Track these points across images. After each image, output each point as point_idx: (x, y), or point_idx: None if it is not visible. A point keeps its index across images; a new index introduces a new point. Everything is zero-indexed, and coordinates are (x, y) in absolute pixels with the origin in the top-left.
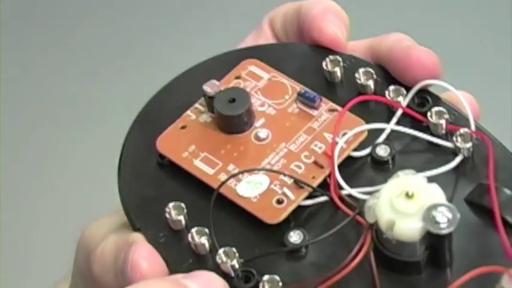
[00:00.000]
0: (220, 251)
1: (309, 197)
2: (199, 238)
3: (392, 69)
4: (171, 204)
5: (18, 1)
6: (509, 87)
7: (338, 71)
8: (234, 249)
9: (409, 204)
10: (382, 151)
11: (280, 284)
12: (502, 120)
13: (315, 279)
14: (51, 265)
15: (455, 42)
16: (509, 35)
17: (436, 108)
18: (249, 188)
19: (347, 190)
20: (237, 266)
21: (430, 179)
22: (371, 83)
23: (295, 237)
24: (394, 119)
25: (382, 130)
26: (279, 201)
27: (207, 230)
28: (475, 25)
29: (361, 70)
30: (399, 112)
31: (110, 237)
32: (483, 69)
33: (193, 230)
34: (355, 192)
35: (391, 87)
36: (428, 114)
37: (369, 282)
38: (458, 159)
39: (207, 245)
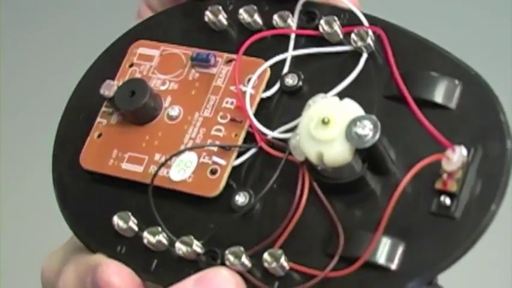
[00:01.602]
0: (177, 243)
1: (240, 155)
2: (154, 238)
3: None
4: (115, 216)
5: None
6: (510, 86)
7: (222, 18)
8: (191, 237)
9: (328, 130)
10: (291, 80)
11: (242, 249)
12: None
13: (275, 233)
14: None
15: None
16: (509, 35)
17: (324, 18)
18: (181, 170)
19: (270, 134)
20: (198, 250)
21: (345, 91)
22: (257, 17)
23: (241, 198)
24: (291, 45)
25: (284, 61)
26: (213, 172)
27: (159, 228)
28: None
29: (241, 10)
30: (293, 37)
31: (68, 267)
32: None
33: (146, 233)
34: (277, 133)
35: (275, 16)
36: (320, 27)
37: (325, 214)
38: (363, 60)
39: (164, 241)
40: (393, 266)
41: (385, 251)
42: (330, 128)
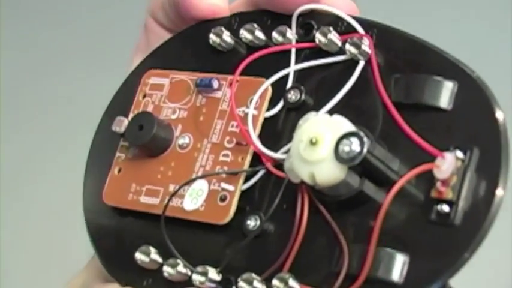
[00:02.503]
0: (194, 275)
1: (249, 178)
2: (173, 269)
3: (270, 6)
4: (137, 252)
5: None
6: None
7: (226, 38)
8: (206, 266)
9: (317, 151)
10: (293, 96)
11: (254, 275)
12: None
13: (282, 256)
14: None
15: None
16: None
17: (319, 30)
18: (193, 200)
19: (273, 156)
20: (216, 278)
21: (347, 101)
22: (259, 33)
23: (252, 222)
24: (292, 61)
25: (286, 76)
26: (222, 199)
27: (178, 260)
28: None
29: (242, 30)
30: (293, 51)
31: None
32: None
33: (165, 266)
34: (282, 154)
35: (274, 33)
36: (316, 39)
37: (331, 232)
38: (359, 68)
39: (184, 271)
40: (399, 280)
41: (389, 265)
42: (319, 148)
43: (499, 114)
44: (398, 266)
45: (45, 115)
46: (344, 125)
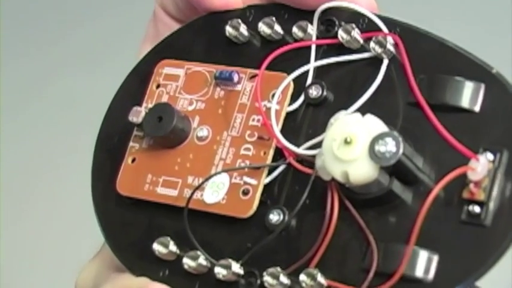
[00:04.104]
0: (216, 268)
1: (271, 171)
2: (194, 262)
3: (289, 0)
4: (155, 243)
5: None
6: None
7: (243, 31)
8: (229, 260)
9: (351, 150)
10: (315, 92)
11: (279, 269)
12: None
13: (310, 251)
14: None
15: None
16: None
17: (342, 26)
18: (214, 193)
19: (297, 151)
20: (238, 271)
21: (369, 100)
22: (277, 27)
23: (275, 217)
24: (312, 56)
25: (306, 71)
26: (245, 192)
27: (198, 252)
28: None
29: (260, 23)
30: (313, 48)
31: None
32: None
33: (185, 258)
34: (305, 149)
35: (294, 29)
36: (338, 36)
37: (359, 229)
38: (384, 67)
39: (204, 263)
40: (430, 278)
41: (420, 264)
42: (353, 148)
43: None
44: (422, 262)
45: (46, 117)
46: (378, 125)
